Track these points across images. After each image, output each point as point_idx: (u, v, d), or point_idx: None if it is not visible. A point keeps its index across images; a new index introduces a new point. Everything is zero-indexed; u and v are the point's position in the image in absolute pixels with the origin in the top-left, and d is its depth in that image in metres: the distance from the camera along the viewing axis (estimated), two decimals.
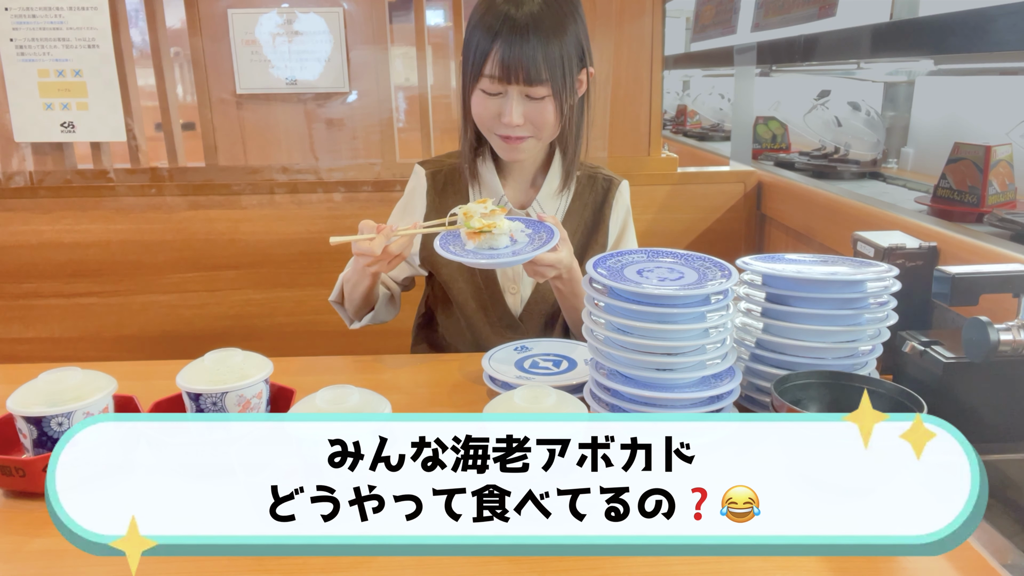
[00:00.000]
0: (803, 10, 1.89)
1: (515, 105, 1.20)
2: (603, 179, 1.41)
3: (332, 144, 2.05)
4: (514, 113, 1.20)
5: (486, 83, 1.20)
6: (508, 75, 1.17)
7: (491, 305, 1.38)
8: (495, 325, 1.38)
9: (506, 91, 1.20)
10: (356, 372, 1.24)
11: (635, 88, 1.97)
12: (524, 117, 1.21)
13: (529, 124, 1.22)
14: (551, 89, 1.19)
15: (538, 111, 1.21)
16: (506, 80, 1.18)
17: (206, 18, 1.95)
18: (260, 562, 0.73)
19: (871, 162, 2.25)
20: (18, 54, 1.85)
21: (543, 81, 1.18)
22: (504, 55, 1.16)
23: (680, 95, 4.73)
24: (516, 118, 1.20)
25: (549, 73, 1.18)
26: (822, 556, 0.72)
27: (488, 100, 1.22)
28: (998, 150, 1.53)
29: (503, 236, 1.08)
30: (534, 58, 1.16)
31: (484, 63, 1.18)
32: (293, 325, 2.03)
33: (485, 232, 1.07)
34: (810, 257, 1.07)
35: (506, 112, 1.20)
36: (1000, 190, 1.52)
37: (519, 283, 1.38)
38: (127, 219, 1.95)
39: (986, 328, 0.86)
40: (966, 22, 1.18)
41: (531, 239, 1.11)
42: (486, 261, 1.06)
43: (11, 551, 0.76)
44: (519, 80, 1.17)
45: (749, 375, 1.01)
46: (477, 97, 1.23)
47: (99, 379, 0.91)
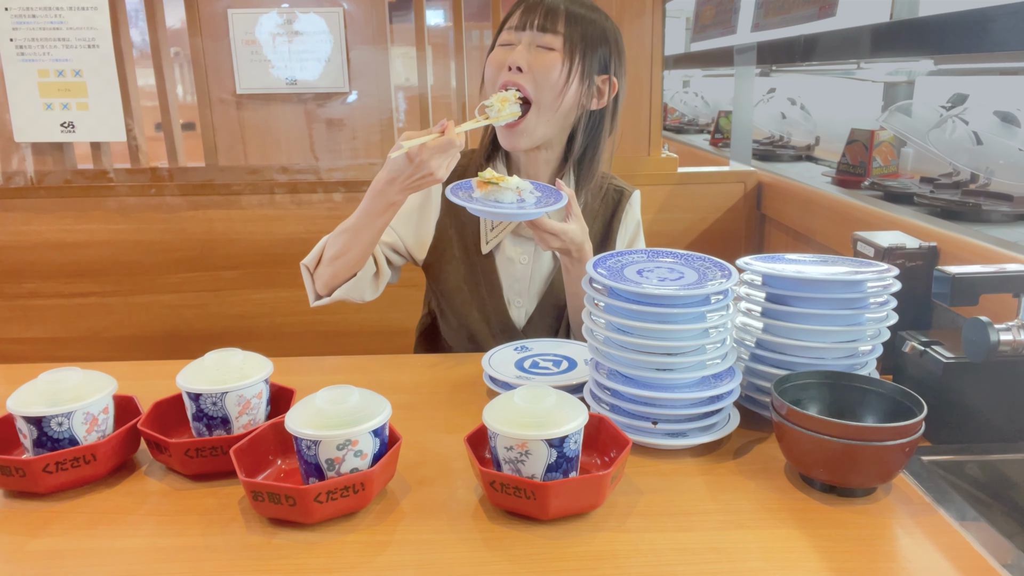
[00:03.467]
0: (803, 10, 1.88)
1: (522, 49, 1.19)
2: (614, 190, 1.39)
3: (332, 144, 2.05)
4: (519, 55, 1.19)
5: (504, 36, 1.21)
6: (525, 20, 1.19)
7: (494, 316, 1.36)
8: (498, 337, 1.36)
9: (519, 39, 1.20)
10: (356, 372, 1.24)
11: (635, 88, 1.97)
12: (527, 64, 1.18)
13: (530, 74, 1.18)
14: (562, 45, 1.19)
15: (542, 61, 1.18)
16: (521, 28, 1.19)
17: (206, 18, 1.95)
18: (260, 562, 0.73)
19: (806, 147, 2.71)
20: (18, 54, 1.85)
21: (557, 32, 1.18)
22: (528, 8, 1.19)
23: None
24: (519, 60, 1.18)
25: (567, 28, 1.19)
26: (822, 556, 0.72)
27: (499, 52, 1.22)
28: (880, 133, 1.98)
29: (509, 191, 1.09)
30: (556, 13, 1.18)
31: (509, 19, 1.20)
32: (293, 325, 2.03)
33: (492, 184, 1.08)
34: (810, 257, 1.07)
35: (512, 56, 1.19)
36: (883, 164, 1.99)
37: (524, 296, 1.36)
38: (127, 219, 1.94)
39: (986, 328, 0.86)
40: (966, 22, 1.18)
41: (539, 202, 1.12)
42: (489, 210, 1.07)
43: (11, 551, 0.76)
44: (533, 26, 1.18)
45: (749, 375, 1.01)
46: (492, 55, 1.23)
47: (99, 379, 0.91)
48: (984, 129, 1.69)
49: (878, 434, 0.78)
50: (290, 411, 0.82)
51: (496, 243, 1.34)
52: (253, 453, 0.85)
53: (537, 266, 1.35)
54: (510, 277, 1.35)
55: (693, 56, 3.68)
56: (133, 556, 0.74)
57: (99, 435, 0.88)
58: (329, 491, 0.76)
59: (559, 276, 1.34)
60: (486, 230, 1.34)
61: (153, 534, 0.78)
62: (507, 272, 1.35)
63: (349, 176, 1.97)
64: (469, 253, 1.35)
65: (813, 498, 0.83)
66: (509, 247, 1.35)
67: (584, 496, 0.78)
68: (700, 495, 0.84)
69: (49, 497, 0.85)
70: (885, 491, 0.84)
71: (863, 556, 0.73)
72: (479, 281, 1.35)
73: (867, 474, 0.81)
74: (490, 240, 1.34)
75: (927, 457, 0.91)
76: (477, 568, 0.72)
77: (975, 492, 0.92)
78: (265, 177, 1.96)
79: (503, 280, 1.35)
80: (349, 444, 0.78)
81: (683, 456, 0.92)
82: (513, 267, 1.35)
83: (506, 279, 1.35)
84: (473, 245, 1.35)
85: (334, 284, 1.24)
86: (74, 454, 0.84)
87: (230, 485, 0.86)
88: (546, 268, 1.36)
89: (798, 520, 0.79)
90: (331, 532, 0.77)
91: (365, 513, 0.81)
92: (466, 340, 1.40)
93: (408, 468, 0.89)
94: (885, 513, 0.80)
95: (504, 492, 0.77)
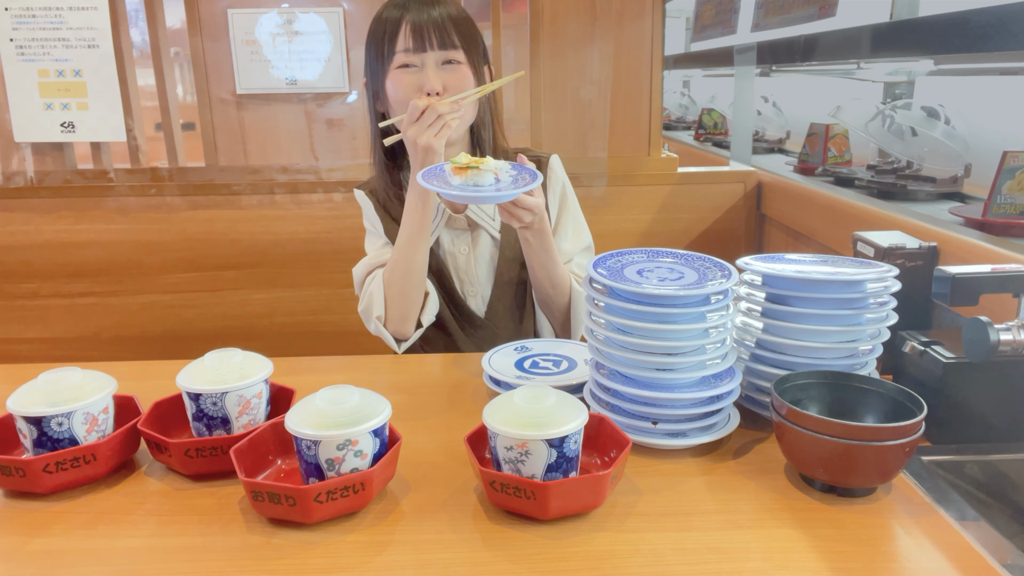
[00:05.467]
0: (803, 10, 1.88)
1: (432, 72, 1.21)
2: (532, 158, 1.39)
3: (332, 144, 2.05)
4: (434, 79, 1.21)
5: (400, 58, 1.22)
6: (423, 41, 1.20)
7: (457, 311, 1.39)
8: (465, 328, 1.39)
9: (422, 61, 1.22)
10: (356, 372, 1.24)
11: (635, 88, 1.97)
12: (443, 85, 1.22)
13: (447, 95, 1.22)
14: (465, 55, 1.23)
15: (456, 77, 1.23)
16: (421, 48, 1.20)
17: (206, 18, 1.95)
18: (260, 562, 0.73)
19: (778, 140, 3.01)
20: (18, 54, 1.85)
21: (456, 46, 1.22)
22: (415, 22, 1.20)
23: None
24: (436, 84, 1.21)
25: (461, 39, 1.22)
26: (822, 556, 0.72)
27: (405, 75, 1.23)
28: (834, 127, 2.24)
29: (488, 173, 1.09)
30: (445, 23, 1.20)
31: (396, 38, 1.21)
32: (293, 325, 2.03)
33: (472, 168, 1.08)
34: (810, 257, 1.07)
35: (425, 81, 1.21)
36: (837, 154, 2.25)
37: (476, 284, 1.38)
38: (127, 219, 1.94)
39: (986, 328, 0.86)
40: (966, 22, 1.18)
41: (514, 180, 1.12)
42: (471, 195, 1.07)
43: (11, 551, 0.76)
44: (433, 45, 1.20)
45: (749, 375, 1.01)
46: (393, 78, 1.24)
47: (99, 379, 0.91)
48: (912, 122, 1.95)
49: (878, 434, 0.78)
50: (290, 411, 0.82)
51: (434, 238, 1.35)
52: (253, 453, 0.85)
53: (479, 253, 1.37)
54: (458, 270, 1.38)
55: (693, 56, 3.69)
56: (133, 556, 0.74)
57: (99, 435, 0.88)
58: (329, 491, 0.76)
59: (503, 256, 1.37)
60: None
61: (153, 534, 0.78)
62: (453, 266, 1.38)
63: (349, 176, 1.97)
64: None
65: (813, 498, 0.83)
66: (447, 242, 1.37)
67: (584, 496, 0.78)
68: (700, 495, 0.84)
69: (49, 497, 0.85)
70: (885, 491, 0.84)
71: (863, 556, 0.73)
72: (437, 280, 1.37)
73: (867, 474, 0.81)
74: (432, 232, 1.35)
75: (927, 457, 0.91)
76: (477, 568, 0.72)
77: (975, 492, 0.92)
78: (265, 177, 1.96)
79: (453, 274, 1.38)
80: (349, 444, 0.78)
81: (683, 456, 0.92)
82: (456, 260, 1.37)
83: (455, 273, 1.38)
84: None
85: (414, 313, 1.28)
86: (74, 454, 0.84)
87: (230, 485, 0.86)
88: (487, 252, 1.38)
89: (798, 520, 0.79)
90: (331, 532, 0.77)
91: (365, 513, 0.81)
92: (445, 337, 1.41)
93: (408, 468, 0.89)
94: (885, 513, 0.80)
95: (504, 492, 0.77)
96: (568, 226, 1.40)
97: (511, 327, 1.42)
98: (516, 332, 1.42)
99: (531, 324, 1.46)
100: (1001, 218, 1.44)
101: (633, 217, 2.03)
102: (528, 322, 1.45)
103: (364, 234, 1.42)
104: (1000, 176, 1.45)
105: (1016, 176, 1.44)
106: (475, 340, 1.40)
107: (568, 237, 1.39)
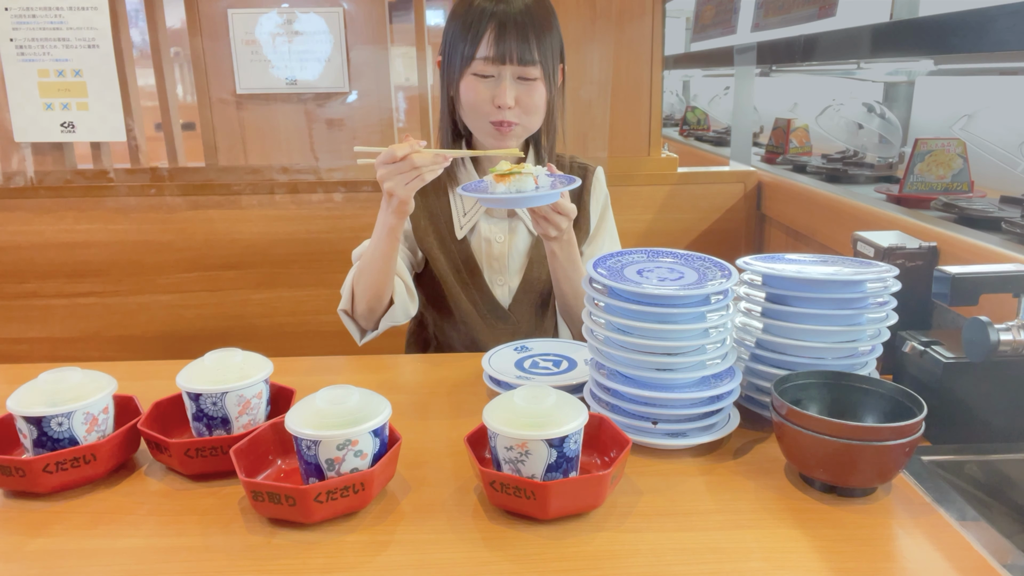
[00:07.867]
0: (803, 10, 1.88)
1: (508, 87, 1.22)
2: (579, 167, 1.42)
3: (332, 144, 2.05)
4: (508, 94, 1.22)
5: (479, 66, 1.22)
6: (504, 56, 1.20)
7: (480, 299, 1.39)
8: (486, 318, 1.39)
9: (499, 73, 1.22)
10: (356, 372, 1.24)
11: (635, 88, 1.96)
12: (516, 100, 1.23)
13: (519, 108, 1.24)
14: (542, 72, 1.23)
15: (529, 94, 1.24)
16: (500, 61, 1.20)
17: (206, 18, 1.94)
18: (260, 562, 0.73)
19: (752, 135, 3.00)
20: (18, 54, 1.85)
21: (535, 63, 1.21)
22: (499, 36, 1.19)
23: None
24: (509, 100, 1.22)
25: (541, 56, 1.22)
26: (822, 556, 0.72)
27: (480, 84, 1.23)
28: (795, 121, 2.58)
29: (529, 177, 1.11)
30: (528, 40, 1.20)
31: (478, 45, 1.21)
32: (293, 325, 2.03)
33: (514, 174, 1.09)
34: (810, 257, 1.07)
35: (499, 94, 1.22)
36: (799, 145, 2.58)
37: (505, 274, 1.39)
38: (127, 219, 1.94)
39: (986, 328, 0.86)
40: (966, 22, 1.18)
41: (552, 185, 1.13)
42: (515, 197, 1.09)
43: (11, 551, 0.76)
44: (513, 60, 1.20)
45: (749, 375, 1.01)
46: (468, 82, 1.24)
47: (99, 379, 0.91)
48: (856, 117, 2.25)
49: (878, 434, 0.78)
50: (290, 411, 0.82)
51: (471, 227, 1.37)
52: (253, 453, 0.85)
53: (515, 242, 1.38)
54: (489, 257, 1.38)
55: (693, 56, 3.69)
56: (133, 556, 0.74)
57: (99, 435, 0.88)
58: (329, 491, 0.76)
59: (536, 251, 1.38)
60: (459, 215, 1.37)
61: (153, 534, 0.78)
62: (486, 253, 1.38)
63: (349, 176, 1.97)
64: (445, 240, 1.37)
65: (813, 498, 0.83)
66: (485, 228, 1.38)
67: (584, 496, 0.78)
68: (700, 495, 0.84)
69: (49, 497, 0.85)
70: (885, 491, 0.84)
71: (863, 556, 0.73)
72: (459, 267, 1.38)
73: (867, 474, 0.81)
74: (464, 225, 1.37)
75: (927, 457, 0.91)
76: (477, 568, 0.72)
77: (975, 492, 0.92)
78: (265, 177, 1.96)
79: (483, 261, 1.38)
80: (349, 444, 0.78)
81: (683, 456, 0.92)
82: (491, 247, 1.38)
83: (485, 260, 1.38)
84: (448, 232, 1.37)
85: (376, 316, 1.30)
86: (74, 454, 0.84)
87: (230, 485, 0.86)
88: (523, 244, 1.39)
89: (798, 520, 0.79)
90: (331, 532, 0.77)
91: (365, 513, 0.81)
92: (459, 325, 1.41)
93: (408, 468, 0.89)
94: (885, 513, 0.80)
95: (504, 492, 0.77)
96: (604, 237, 1.43)
97: (532, 323, 1.42)
98: (536, 330, 1.43)
99: (552, 325, 1.47)
100: (914, 193, 1.72)
101: (633, 217, 2.03)
102: (549, 323, 1.46)
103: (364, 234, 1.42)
104: (912, 159, 1.71)
105: (925, 159, 1.71)
106: (495, 332, 1.39)
107: (604, 248, 1.41)
